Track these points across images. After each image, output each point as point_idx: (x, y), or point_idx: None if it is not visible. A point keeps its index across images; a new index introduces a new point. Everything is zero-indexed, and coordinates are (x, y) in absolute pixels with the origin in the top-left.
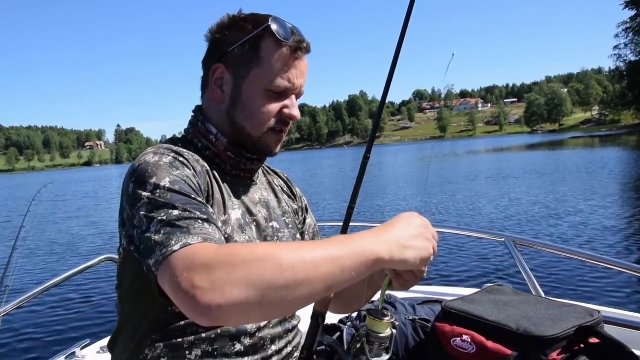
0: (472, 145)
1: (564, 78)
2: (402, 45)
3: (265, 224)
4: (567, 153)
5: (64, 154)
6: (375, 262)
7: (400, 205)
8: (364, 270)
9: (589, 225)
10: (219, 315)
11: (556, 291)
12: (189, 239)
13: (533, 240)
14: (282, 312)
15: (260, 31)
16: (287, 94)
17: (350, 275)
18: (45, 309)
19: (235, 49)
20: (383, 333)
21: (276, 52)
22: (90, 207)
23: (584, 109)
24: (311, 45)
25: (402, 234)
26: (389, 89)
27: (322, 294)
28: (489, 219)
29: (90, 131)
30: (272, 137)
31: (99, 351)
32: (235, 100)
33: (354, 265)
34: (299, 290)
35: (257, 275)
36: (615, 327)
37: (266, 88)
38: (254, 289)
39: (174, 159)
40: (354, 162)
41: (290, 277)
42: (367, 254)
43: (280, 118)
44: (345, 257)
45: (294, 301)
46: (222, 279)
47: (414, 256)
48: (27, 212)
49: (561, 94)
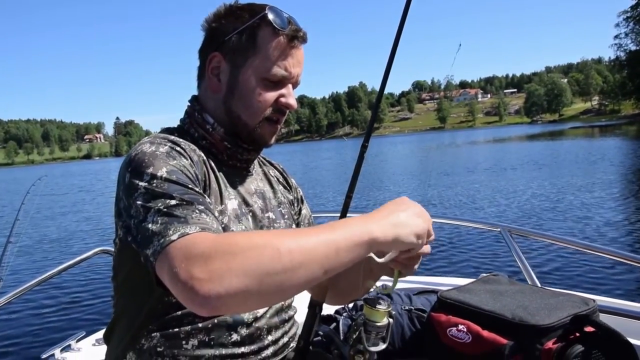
0: (472, 136)
1: (563, 68)
2: (400, 37)
3: (261, 214)
4: (567, 143)
5: (63, 147)
6: (370, 242)
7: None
8: (359, 251)
9: (590, 216)
10: (219, 305)
11: (551, 280)
12: (187, 228)
13: (528, 230)
14: (280, 297)
15: (257, 20)
16: (284, 83)
17: (347, 257)
18: (40, 301)
19: (232, 37)
20: (380, 322)
21: (273, 40)
22: (86, 201)
23: (584, 99)
24: (308, 35)
25: (393, 213)
26: (387, 80)
27: (320, 277)
28: (489, 211)
29: (90, 124)
30: (267, 127)
31: (94, 343)
32: (232, 88)
33: (349, 246)
34: (297, 275)
35: (255, 262)
36: (610, 316)
37: (263, 77)
38: (252, 276)
39: (170, 149)
40: (353, 153)
41: (288, 262)
42: (361, 233)
43: (276, 107)
44: (340, 239)
45: (291, 286)
46: (221, 269)
47: (407, 233)
48: (21, 205)
49: (561, 84)
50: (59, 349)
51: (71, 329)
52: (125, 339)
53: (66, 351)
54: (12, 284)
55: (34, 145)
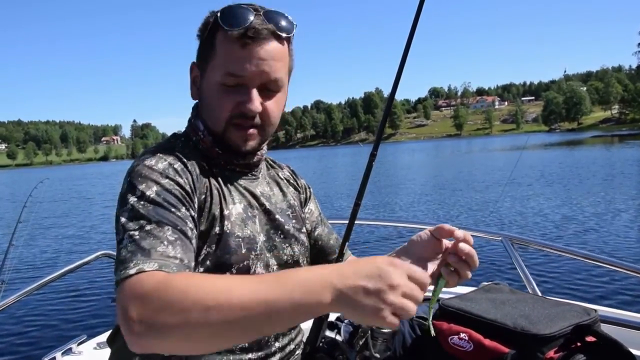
0: (489, 144)
1: (582, 76)
2: (411, 43)
3: (267, 218)
4: (588, 152)
5: (81, 149)
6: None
7: (410, 204)
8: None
9: (611, 231)
10: (147, 347)
11: (553, 290)
12: (146, 264)
13: (530, 239)
14: (212, 348)
15: (213, 24)
16: (244, 86)
17: (282, 324)
18: (42, 304)
19: (200, 45)
20: (386, 329)
21: (225, 43)
22: (95, 203)
23: (604, 108)
24: (279, 27)
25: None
26: (397, 86)
27: (253, 337)
28: (500, 222)
29: (107, 126)
30: (235, 133)
31: (95, 347)
32: (201, 97)
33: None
34: (225, 333)
35: (183, 316)
36: (611, 326)
37: (219, 82)
38: (178, 327)
39: (169, 165)
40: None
41: (216, 320)
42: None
43: (238, 112)
44: (281, 302)
45: (220, 342)
46: (149, 316)
47: (356, 317)
48: (23, 208)
49: (580, 92)
50: (60, 352)
51: (72, 332)
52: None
53: (67, 354)
54: (14, 287)
55: (53, 146)
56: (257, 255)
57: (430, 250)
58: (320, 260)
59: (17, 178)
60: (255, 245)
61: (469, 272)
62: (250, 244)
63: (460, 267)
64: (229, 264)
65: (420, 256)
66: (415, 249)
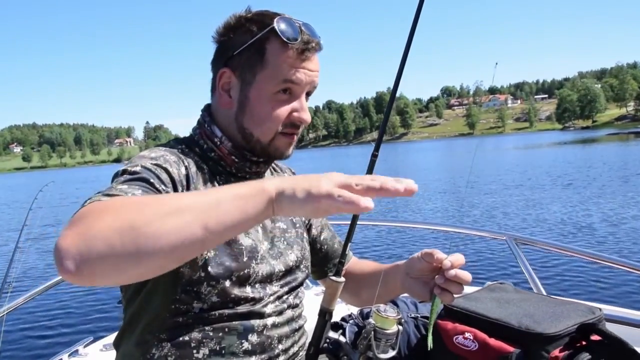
0: (502, 142)
1: (596, 73)
2: (411, 43)
3: (271, 224)
4: (603, 150)
5: (94, 151)
6: (262, 192)
7: (416, 204)
8: (251, 202)
9: (629, 232)
10: (73, 269)
11: (557, 289)
12: (96, 197)
13: (534, 238)
14: (151, 253)
15: (265, 33)
16: (296, 97)
17: (232, 209)
18: (49, 307)
19: (240, 52)
20: (390, 329)
21: (282, 54)
22: None
23: (619, 105)
24: (322, 42)
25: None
26: (397, 86)
27: (197, 232)
28: (507, 222)
29: (120, 128)
30: (282, 141)
31: (101, 349)
32: (243, 106)
33: (235, 197)
34: (165, 226)
35: (119, 217)
36: (616, 325)
37: (272, 92)
38: (114, 231)
39: (161, 156)
40: (380, 160)
41: (153, 214)
42: (251, 187)
43: (289, 122)
44: (223, 193)
45: (160, 241)
46: (78, 232)
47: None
48: (28, 211)
49: (594, 90)
50: (66, 354)
51: (79, 334)
52: (136, 347)
53: (73, 356)
54: (22, 289)
55: (67, 148)
56: (258, 263)
57: (425, 270)
58: (326, 265)
59: (32, 180)
60: (256, 254)
61: (461, 288)
62: (252, 252)
63: (449, 287)
64: (230, 271)
65: (420, 274)
66: (414, 266)
